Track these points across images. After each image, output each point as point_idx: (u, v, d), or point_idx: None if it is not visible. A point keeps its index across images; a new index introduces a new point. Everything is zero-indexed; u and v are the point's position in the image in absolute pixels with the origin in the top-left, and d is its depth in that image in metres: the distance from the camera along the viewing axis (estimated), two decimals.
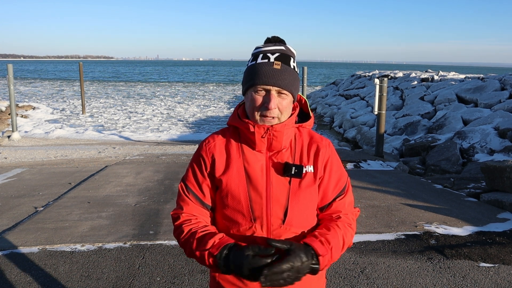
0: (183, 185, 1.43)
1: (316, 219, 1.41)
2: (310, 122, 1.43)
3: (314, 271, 1.23)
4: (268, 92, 1.30)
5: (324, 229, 1.34)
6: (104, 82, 53.11)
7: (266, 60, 1.31)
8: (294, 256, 1.18)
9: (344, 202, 1.41)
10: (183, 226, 1.36)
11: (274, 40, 1.37)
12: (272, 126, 1.31)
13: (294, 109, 1.41)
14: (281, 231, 1.32)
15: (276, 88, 1.29)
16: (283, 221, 1.32)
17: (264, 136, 1.32)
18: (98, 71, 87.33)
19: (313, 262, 1.22)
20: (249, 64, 1.36)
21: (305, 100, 1.46)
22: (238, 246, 1.24)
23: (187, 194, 1.40)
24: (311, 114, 1.45)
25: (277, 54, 1.32)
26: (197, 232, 1.32)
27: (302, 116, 1.46)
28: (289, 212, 1.32)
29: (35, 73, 77.34)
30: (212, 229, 1.36)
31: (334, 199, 1.40)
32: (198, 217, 1.39)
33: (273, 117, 1.31)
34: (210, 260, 1.25)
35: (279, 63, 1.31)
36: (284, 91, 1.30)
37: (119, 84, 48.05)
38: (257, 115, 1.31)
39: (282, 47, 1.34)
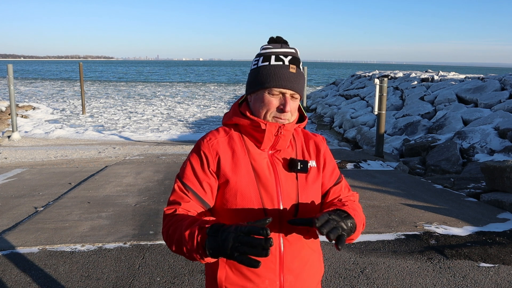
0: (179, 183, 1.34)
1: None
2: (305, 123, 1.49)
3: (352, 229, 1.23)
4: (283, 95, 1.32)
5: (338, 204, 1.38)
6: (105, 82, 53.12)
7: (281, 63, 1.32)
8: (329, 215, 1.20)
9: (341, 187, 1.47)
10: (174, 218, 1.25)
11: (279, 41, 1.37)
12: (283, 125, 1.34)
13: None
14: (292, 226, 1.33)
15: (291, 92, 1.32)
16: (295, 217, 1.33)
17: (276, 134, 1.34)
18: (98, 71, 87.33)
19: (349, 218, 1.24)
20: (260, 65, 1.33)
21: None
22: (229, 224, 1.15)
23: (186, 192, 1.31)
24: (305, 114, 1.49)
25: (290, 57, 1.34)
26: (189, 216, 1.23)
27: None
28: (300, 207, 1.34)
29: (35, 73, 77.36)
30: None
31: (331, 187, 1.45)
32: (194, 213, 1.30)
33: (286, 119, 1.34)
34: (199, 238, 1.11)
35: (295, 67, 1.33)
36: (297, 95, 1.34)
37: (120, 84, 48.04)
38: (270, 116, 1.33)
39: (293, 50, 1.36)
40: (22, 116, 18.07)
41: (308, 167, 1.39)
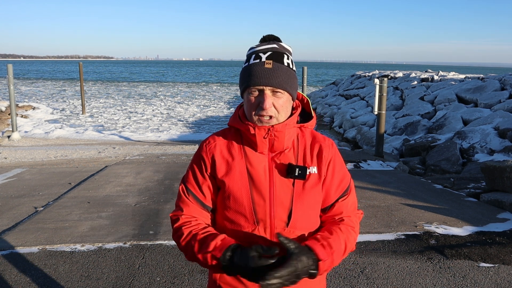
0: (183, 186, 1.40)
1: (320, 221, 1.39)
2: (312, 122, 1.40)
3: (311, 276, 1.21)
4: (261, 92, 1.28)
5: (326, 232, 1.31)
6: (107, 82, 53.12)
7: (258, 60, 1.29)
8: (296, 260, 1.15)
9: (347, 203, 1.38)
10: (182, 228, 1.33)
11: (268, 39, 1.35)
12: (273, 126, 1.29)
13: (295, 108, 1.39)
14: (285, 234, 1.29)
15: (270, 88, 1.27)
16: (287, 224, 1.29)
17: (265, 137, 1.30)
18: (99, 72, 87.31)
19: (313, 267, 1.19)
20: (243, 66, 1.35)
21: (307, 99, 1.43)
22: (241, 247, 1.21)
23: (187, 196, 1.37)
24: (313, 113, 1.42)
25: (269, 53, 1.30)
26: (198, 234, 1.29)
27: (304, 116, 1.43)
28: (293, 214, 1.29)
29: (36, 73, 77.33)
30: (213, 230, 1.33)
31: (337, 200, 1.37)
32: (198, 219, 1.36)
33: (270, 117, 1.28)
34: (214, 262, 1.22)
35: (270, 61, 1.28)
36: (279, 90, 1.28)
37: (121, 84, 48.03)
38: (254, 117, 1.30)
39: (275, 45, 1.32)
40: (22, 116, 18.06)
41: (307, 173, 1.32)
